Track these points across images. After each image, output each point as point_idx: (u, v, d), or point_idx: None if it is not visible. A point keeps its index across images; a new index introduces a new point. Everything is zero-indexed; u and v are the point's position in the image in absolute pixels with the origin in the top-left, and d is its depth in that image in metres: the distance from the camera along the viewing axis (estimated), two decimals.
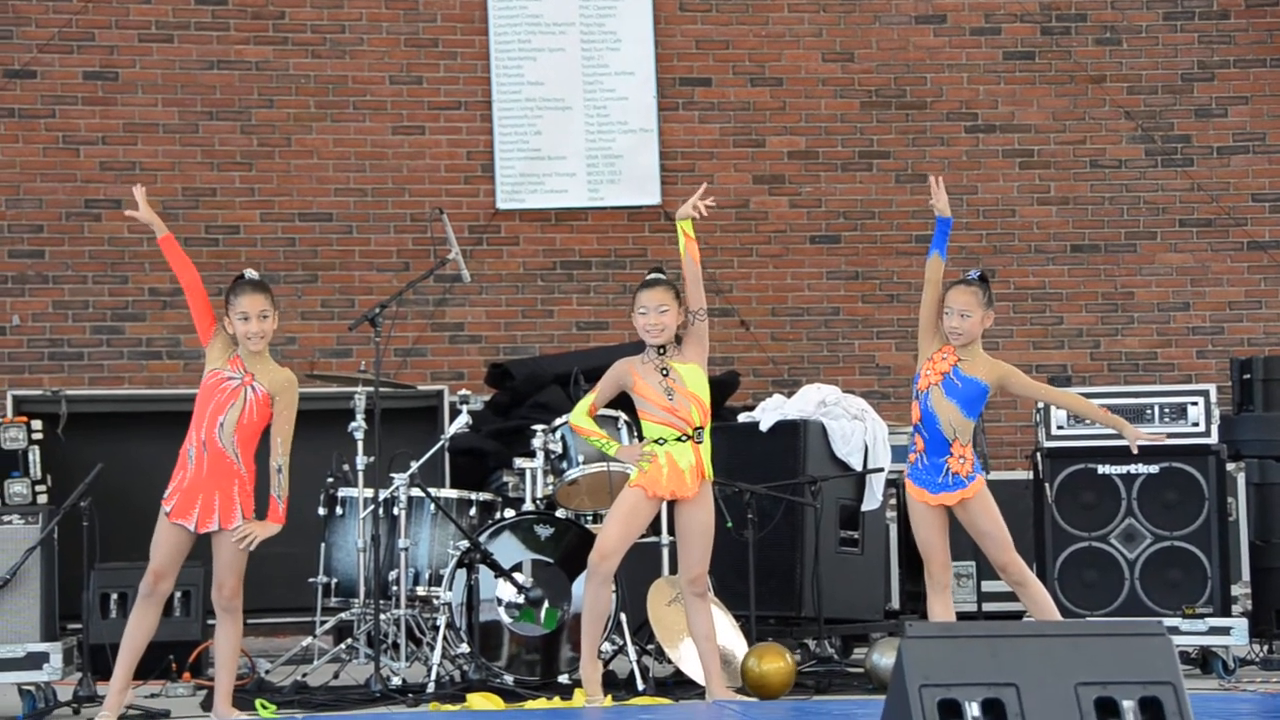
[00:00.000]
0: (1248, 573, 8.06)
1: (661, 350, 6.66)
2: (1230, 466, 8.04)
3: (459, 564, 7.17)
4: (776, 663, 6.95)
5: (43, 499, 7.94)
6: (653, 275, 6.73)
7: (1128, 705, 3.97)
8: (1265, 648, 8.03)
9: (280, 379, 6.38)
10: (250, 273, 6.48)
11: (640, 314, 6.65)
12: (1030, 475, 7.75)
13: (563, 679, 7.10)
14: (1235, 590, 7.80)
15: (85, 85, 10.47)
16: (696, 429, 6.58)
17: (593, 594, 6.60)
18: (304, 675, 7.26)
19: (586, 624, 6.64)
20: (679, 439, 6.57)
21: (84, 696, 6.81)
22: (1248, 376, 8.53)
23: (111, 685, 6.33)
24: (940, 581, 6.56)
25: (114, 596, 7.56)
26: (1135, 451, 6.65)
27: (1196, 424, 7.63)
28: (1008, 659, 4.02)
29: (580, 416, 6.78)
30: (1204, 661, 7.53)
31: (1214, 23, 10.97)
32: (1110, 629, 4.18)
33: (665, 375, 6.61)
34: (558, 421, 7.59)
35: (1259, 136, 10.99)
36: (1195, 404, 7.64)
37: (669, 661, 7.27)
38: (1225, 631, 7.31)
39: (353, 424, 7.65)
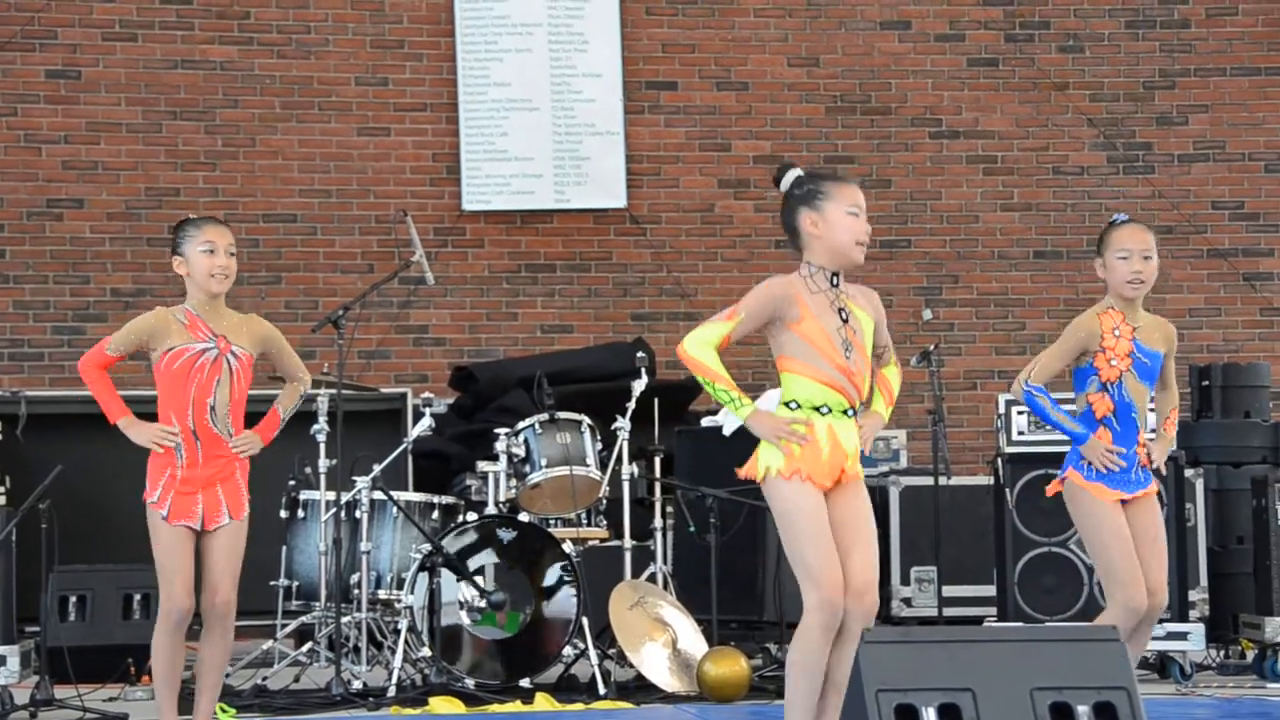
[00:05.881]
0: (1205, 578, 8.11)
1: (834, 280, 4.73)
2: (1189, 473, 8.08)
3: (421, 567, 7.16)
4: (731, 666, 6.95)
5: (1, 500, 7.89)
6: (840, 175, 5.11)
7: (1082, 710, 4.01)
8: (1222, 653, 8.08)
9: (258, 331, 5.56)
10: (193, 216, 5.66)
11: (850, 214, 4.68)
12: (991, 480, 7.78)
13: (524, 683, 7.10)
14: (1193, 596, 7.84)
15: (47, 84, 10.42)
16: (863, 404, 4.81)
17: (840, 655, 4.66)
18: (264, 679, 7.24)
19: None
20: (845, 413, 4.73)
21: (41, 700, 6.76)
22: (1206, 383, 8.58)
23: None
24: (1135, 605, 5.36)
25: (73, 599, 7.50)
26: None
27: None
28: (964, 664, 4.04)
29: (701, 347, 4.67)
30: (1162, 666, 7.57)
31: (1175, 31, 11.04)
32: (1065, 634, 4.22)
33: (845, 321, 4.72)
34: (521, 425, 7.58)
35: (1219, 144, 11.05)
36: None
37: (631, 665, 7.27)
38: (1183, 637, 7.34)
39: (315, 426, 7.64)
